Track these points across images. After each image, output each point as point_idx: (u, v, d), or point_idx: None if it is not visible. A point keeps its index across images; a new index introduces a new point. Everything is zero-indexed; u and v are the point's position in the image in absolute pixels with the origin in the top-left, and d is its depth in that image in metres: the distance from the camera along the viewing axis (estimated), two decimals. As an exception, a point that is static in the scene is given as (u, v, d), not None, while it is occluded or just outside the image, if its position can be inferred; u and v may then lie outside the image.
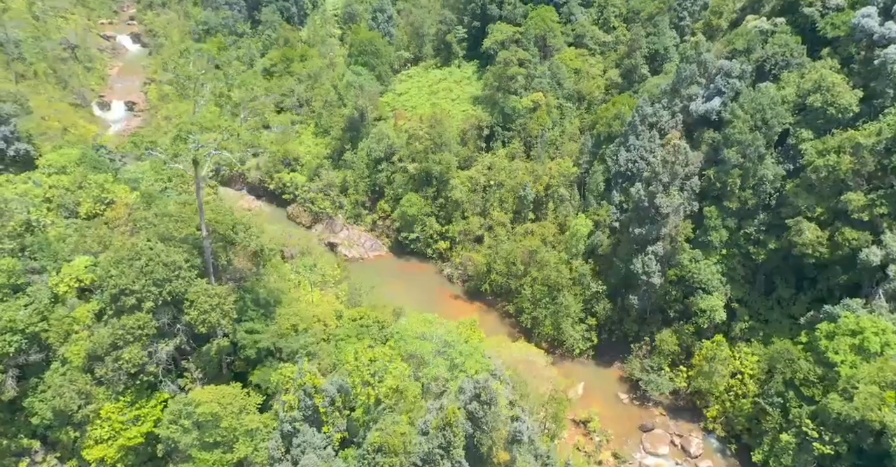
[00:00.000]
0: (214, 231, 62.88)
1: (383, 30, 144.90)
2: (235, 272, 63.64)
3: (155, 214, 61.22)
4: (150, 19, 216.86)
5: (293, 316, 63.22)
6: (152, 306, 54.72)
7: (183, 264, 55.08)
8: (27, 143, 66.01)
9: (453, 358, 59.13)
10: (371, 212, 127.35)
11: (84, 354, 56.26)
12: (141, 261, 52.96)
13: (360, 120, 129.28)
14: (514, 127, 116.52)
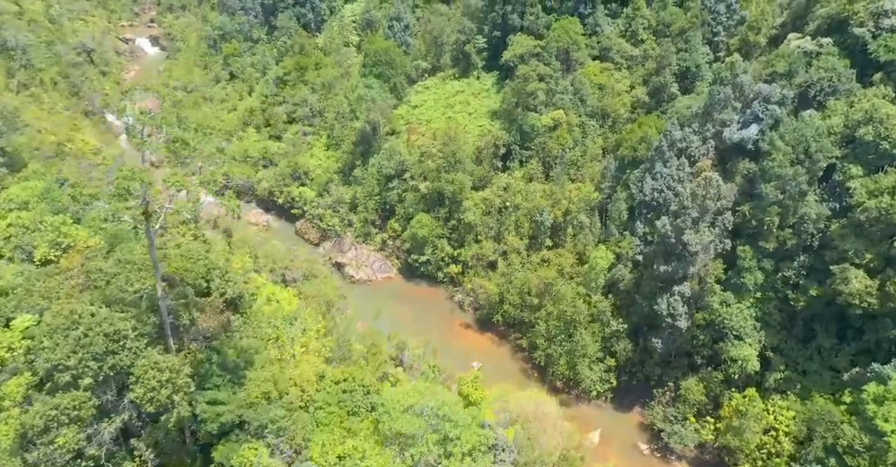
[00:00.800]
0: (183, 280, 55.70)
1: (399, 39, 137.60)
2: (200, 332, 55.59)
3: (116, 261, 53.65)
4: (170, 22, 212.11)
5: (265, 381, 55.53)
6: (91, 383, 46.54)
7: (130, 332, 46.91)
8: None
9: (447, 431, 51.69)
10: (381, 231, 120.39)
11: (14, 435, 48.32)
12: (79, 330, 45.19)
13: (371, 134, 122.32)
14: (533, 146, 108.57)
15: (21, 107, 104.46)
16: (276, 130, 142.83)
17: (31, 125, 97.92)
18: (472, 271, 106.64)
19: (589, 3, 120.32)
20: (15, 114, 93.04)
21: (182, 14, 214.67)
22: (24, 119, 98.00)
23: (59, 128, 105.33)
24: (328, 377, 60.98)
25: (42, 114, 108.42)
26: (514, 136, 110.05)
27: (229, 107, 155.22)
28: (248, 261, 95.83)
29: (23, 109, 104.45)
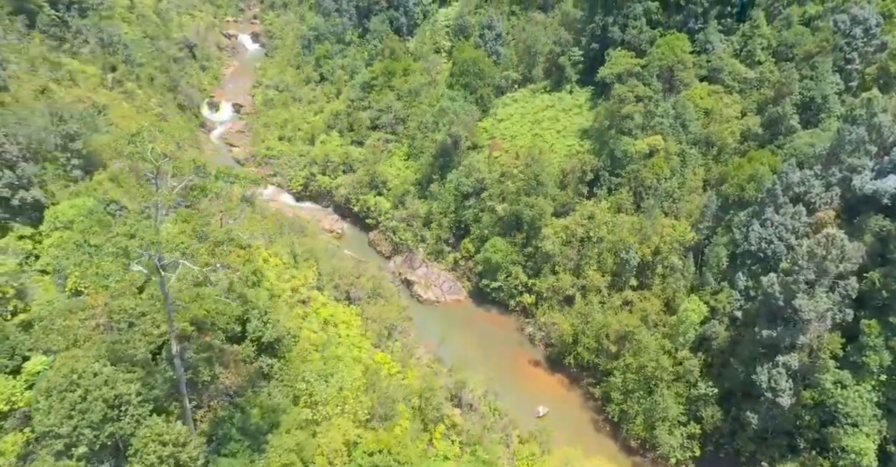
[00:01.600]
0: (214, 324, 49.30)
1: (490, 48, 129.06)
2: (223, 390, 48.72)
3: (149, 296, 48.22)
4: (271, 20, 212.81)
5: (289, 451, 48.36)
6: (86, 452, 41.18)
7: (133, 398, 41.08)
8: (38, 189, 56.22)
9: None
10: (454, 250, 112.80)
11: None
12: (76, 393, 39.84)
13: (452, 147, 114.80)
14: (625, 173, 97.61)
15: (112, 104, 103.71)
16: (358, 136, 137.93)
17: (116, 124, 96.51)
18: (547, 304, 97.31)
19: (700, 18, 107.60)
20: (98, 113, 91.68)
21: (283, 12, 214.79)
22: (111, 117, 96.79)
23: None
24: (362, 446, 53.42)
25: (131, 112, 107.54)
26: (604, 161, 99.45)
27: (316, 109, 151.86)
28: (312, 276, 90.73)
29: (113, 107, 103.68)
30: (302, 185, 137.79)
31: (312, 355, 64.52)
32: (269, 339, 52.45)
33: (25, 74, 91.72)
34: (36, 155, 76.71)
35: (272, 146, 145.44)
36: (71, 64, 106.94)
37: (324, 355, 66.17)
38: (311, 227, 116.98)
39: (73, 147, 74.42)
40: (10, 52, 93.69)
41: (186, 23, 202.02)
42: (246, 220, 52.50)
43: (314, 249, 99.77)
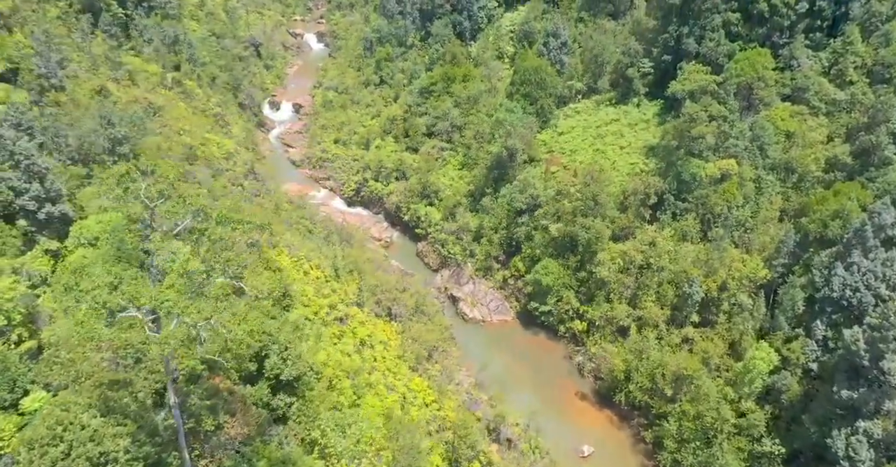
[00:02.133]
0: (237, 356, 44.57)
1: (554, 57, 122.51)
2: (226, 442, 43.75)
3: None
4: (336, 20, 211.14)
5: None
6: None
7: (121, 455, 34.96)
8: (65, 203, 53.91)
9: None
10: (503, 268, 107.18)
11: None
12: (59, 448, 35.97)
13: (508, 160, 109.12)
14: (692, 198, 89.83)
15: (168, 104, 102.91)
16: (413, 142, 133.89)
17: (170, 125, 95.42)
18: (599, 333, 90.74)
19: (786, 32, 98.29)
20: (154, 114, 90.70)
21: (349, 12, 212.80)
22: (166, 118, 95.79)
23: (200, 129, 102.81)
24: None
25: (187, 112, 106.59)
26: (670, 184, 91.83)
27: (373, 112, 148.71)
28: (353, 290, 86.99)
29: (170, 107, 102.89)
30: (354, 191, 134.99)
31: (342, 382, 60.45)
32: (288, 377, 48.39)
33: (86, 73, 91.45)
34: (86, 157, 75.70)
35: (327, 149, 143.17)
36: (132, 62, 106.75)
37: (355, 382, 62.07)
38: (358, 236, 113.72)
39: (120, 151, 72.82)
40: (72, 50, 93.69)
41: (254, 21, 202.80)
42: (250, 271, 48.00)
43: (358, 260, 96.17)
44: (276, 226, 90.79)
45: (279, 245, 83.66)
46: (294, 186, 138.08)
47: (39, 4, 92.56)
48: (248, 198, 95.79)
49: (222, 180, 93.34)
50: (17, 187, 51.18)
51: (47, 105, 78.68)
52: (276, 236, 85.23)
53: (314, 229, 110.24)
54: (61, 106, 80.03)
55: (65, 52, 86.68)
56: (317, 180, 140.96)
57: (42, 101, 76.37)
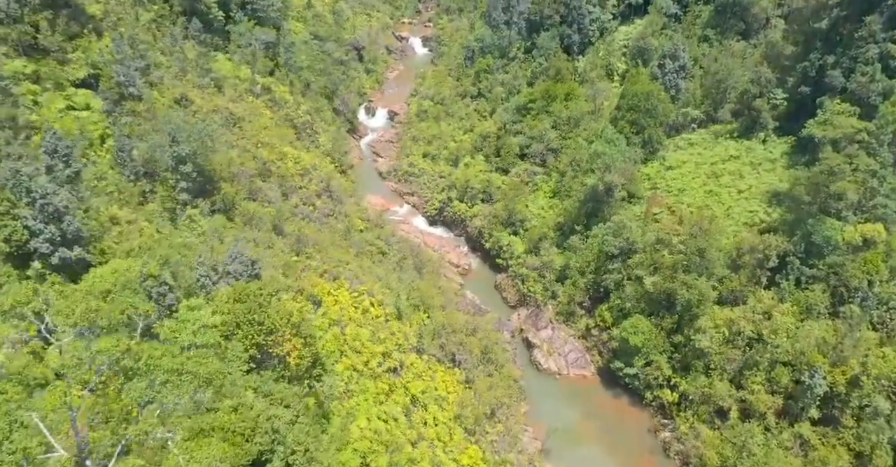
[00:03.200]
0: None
1: (669, 81, 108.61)
2: None
3: None
4: (443, 25, 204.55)
5: None
6: None
7: None
8: (82, 248, 48.67)
9: None
10: (588, 315, 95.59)
11: None
12: None
13: (604, 195, 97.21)
14: (822, 265, 74.63)
15: (252, 113, 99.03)
16: (504, 162, 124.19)
17: (250, 137, 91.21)
18: (692, 410, 77.72)
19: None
20: (231, 126, 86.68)
21: (456, 17, 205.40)
22: (246, 130, 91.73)
23: (282, 140, 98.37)
24: None
25: (271, 122, 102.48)
26: (796, 245, 76.87)
27: (467, 126, 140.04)
28: (414, 332, 78.90)
29: (254, 117, 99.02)
30: (437, 210, 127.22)
31: (378, 460, 52.29)
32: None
33: (172, 80, 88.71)
34: (153, 173, 72.09)
35: (415, 163, 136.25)
36: (223, 68, 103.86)
37: (392, 459, 53.74)
38: (434, 262, 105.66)
39: (183, 170, 68.36)
40: (161, 55, 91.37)
41: (361, 23, 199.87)
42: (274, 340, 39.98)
43: (427, 295, 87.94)
44: (344, 254, 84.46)
45: (341, 277, 76.92)
46: (377, 199, 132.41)
47: (134, 8, 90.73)
48: (319, 219, 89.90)
49: (294, 199, 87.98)
50: (33, 227, 46.85)
51: (123, 114, 75.83)
52: (337, 267, 78.69)
53: (388, 251, 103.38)
54: (137, 115, 77.04)
55: (150, 59, 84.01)
56: (401, 195, 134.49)
57: (116, 110, 73.47)
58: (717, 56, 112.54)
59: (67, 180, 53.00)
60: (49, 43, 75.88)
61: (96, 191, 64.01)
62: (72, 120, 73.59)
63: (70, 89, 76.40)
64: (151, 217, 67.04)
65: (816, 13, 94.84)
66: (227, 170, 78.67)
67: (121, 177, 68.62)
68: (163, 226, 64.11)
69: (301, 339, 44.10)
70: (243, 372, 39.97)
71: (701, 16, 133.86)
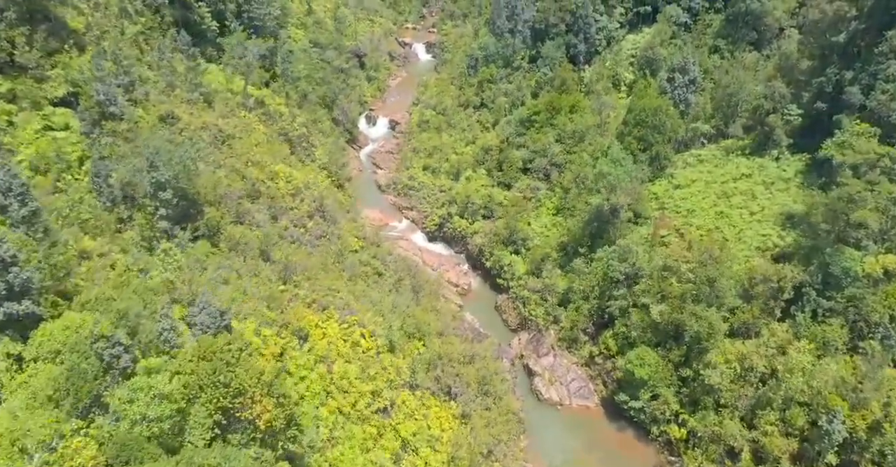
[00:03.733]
0: None
1: (679, 96, 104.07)
2: None
3: None
4: (447, 30, 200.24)
5: None
6: None
7: None
8: (31, 301, 44.61)
9: None
10: (591, 342, 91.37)
11: None
12: None
13: (609, 215, 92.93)
14: (840, 298, 70.10)
15: (244, 129, 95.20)
16: (507, 177, 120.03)
17: (240, 156, 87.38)
18: (701, 449, 73.34)
19: None
20: (220, 144, 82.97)
21: (461, 23, 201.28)
22: (236, 148, 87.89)
23: (274, 158, 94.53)
24: None
25: (263, 137, 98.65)
26: (813, 276, 72.35)
27: (469, 138, 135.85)
28: (408, 365, 74.87)
29: (245, 132, 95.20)
30: (437, 225, 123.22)
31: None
32: None
33: (160, 95, 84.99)
34: (132, 198, 68.44)
35: (415, 176, 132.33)
36: (215, 81, 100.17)
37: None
38: (432, 284, 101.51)
39: (163, 197, 64.63)
40: (148, 70, 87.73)
41: (363, 29, 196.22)
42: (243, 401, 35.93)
43: (423, 321, 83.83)
44: (335, 281, 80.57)
45: (330, 307, 72.99)
46: (375, 214, 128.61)
47: (120, 20, 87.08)
48: (311, 241, 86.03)
49: (284, 221, 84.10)
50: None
51: (103, 135, 72.20)
52: (327, 295, 74.76)
53: (385, 272, 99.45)
54: (118, 135, 73.40)
55: (135, 74, 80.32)
56: (400, 209, 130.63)
57: (94, 132, 69.80)
58: (728, 68, 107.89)
59: (23, 221, 49.34)
60: (26, 60, 72.40)
61: (68, 220, 60.44)
62: (49, 141, 70.15)
63: (48, 108, 72.95)
64: (128, 246, 63.33)
65: (834, 26, 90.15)
66: (212, 192, 74.95)
67: (97, 203, 64.97)
68: (138, 258, 60.28)
69: (273, 399, 40.19)
70: (206, 442, 36.16)
71: (712, 25, 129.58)
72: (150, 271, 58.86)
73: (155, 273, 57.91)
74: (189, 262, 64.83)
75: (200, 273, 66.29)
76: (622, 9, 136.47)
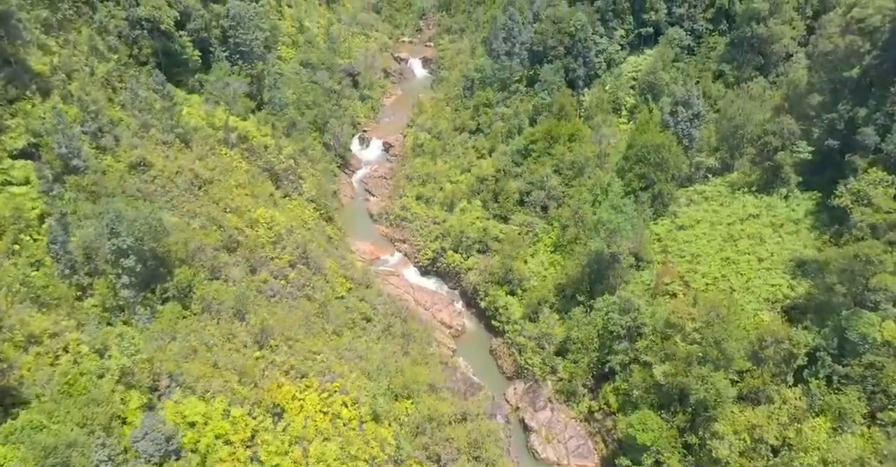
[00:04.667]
0: None
1: (682, 131, 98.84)
2: None
3: None
4: (445, 45, 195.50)
5: None
6: None
7: None
8: None
9: None
10: (591, 396, 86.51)
11: None
12: None
13: (609, 261, 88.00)
14: (857, 365, 65.08)
15: (224, 170, 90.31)
16: (503, 210, 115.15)
17: (218, 201, 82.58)
18: (706, 524, 68.52)
19: None
20: (196, 190, 78.22)
21: (458, 38, 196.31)
22: (214, 192, 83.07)
23: (255, 200, 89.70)
24: None
25: (246, 176, 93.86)
26: (827, 339, 67.35)
27: (464, 165, 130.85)
28: (392, 435, 69.89)
29: (226, 173, 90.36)
30: (430, 260, 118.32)
31: None
32: None
33: (131, 139, 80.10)
34: (94, 266, 63.66)
35: (407, 206, 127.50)
36: (195, 116, 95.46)
37: None
38: (422, 331, 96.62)
39: (125, 264, 59.89)
40: (121, 110, 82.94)
41: (358, 45, 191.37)
42: None
43: (411, 380, 78.83)
44: (316, 339, 75.69)
45: (310, 373, 68.15)
46: (367, 246, 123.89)
47: (90, 58, 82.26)
48: (292, 293, 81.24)
49: (263, 274, 79.25)
50: None
51: (66, 190, 67.50)
52: (306, 360, 69.96)
53: (374, 317, 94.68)
54: (83, 190, 68.72)
55: (103, 120, 75.57)
56: (392, 241, 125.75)
57: (53, 190, 65.03)
58: (733, 100, 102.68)
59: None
60: (-17, 109, 67.81)
61: (19, 295, 55.70)
62: (6, 198, 65.53)
63: (7, 161, 68.24)
64: (87, 320, 58.60)
65: (846, 60, 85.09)
66: (184, 249, 70.09)
67: (54, 270, 60.28)
68: (95, 337, 55.35)
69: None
70: None
71: (716, 48, 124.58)
72: (108, 351, 54.05)
73: (112, 356, 53.12)
74: (154, 334, 60.12)
75: (169, 340, 61.71)
76: (623, 31, 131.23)
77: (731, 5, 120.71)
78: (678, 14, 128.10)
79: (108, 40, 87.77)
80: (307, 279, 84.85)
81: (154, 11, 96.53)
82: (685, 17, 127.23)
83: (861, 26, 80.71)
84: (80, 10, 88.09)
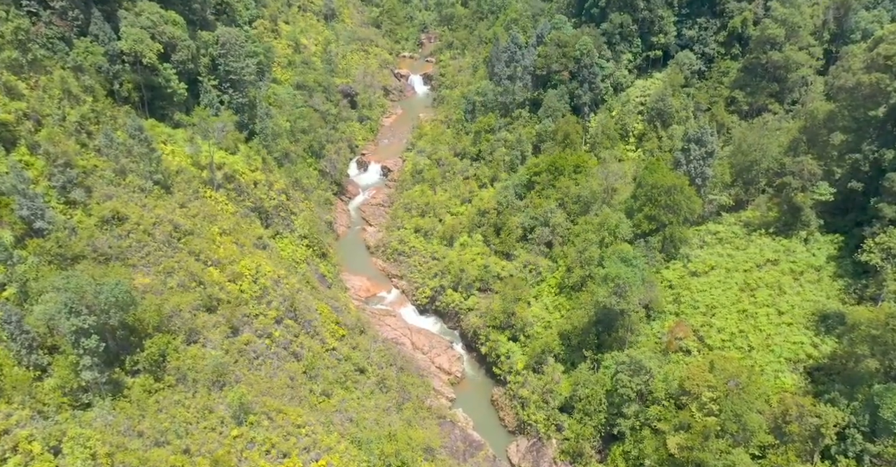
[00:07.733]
0: None
1: (695, 170, 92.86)
2: None
3: None
4: (446, 62, 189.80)
5: None
6: None
7: None
8: None
9: None
10: (599, 457, 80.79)
11: None
12: None
13: (617, 314, 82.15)
14: (891, 446, 59.22)
15: (207, 216, 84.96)
16: (505, 246, 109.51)
17: (199, 253, 77.18)
18: None
19: None
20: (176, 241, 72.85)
21: (459, 55, 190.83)
22: (195, 243, 77.66)
23: (240, 249, 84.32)
24: None
25: (233, 219, 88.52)
26: (859, 414, 61.42)
27: (465, 195, 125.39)
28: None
29: (209, 218, 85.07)
30: (428, 298, 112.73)
31: None
32: None
33: (105, 188, 74.88)
34: (53, 344, 58.46)
35: (405, 239, 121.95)
36: (178, 155, 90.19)
37: None
38: (419, 384, 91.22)
39: (86, 345, 54.67)
40: (97, 156, 77.67)
41: (357, 61, 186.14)
42: None
43: (404, 447, 73.24)
44: (300, 411, 69.98)
45: (292, 453, 62.71)
46: (363, 282, 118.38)
47: (62, 103, 77.07)
48: (277, 353, 75.83)
49: (246, 334, 73.84)
50: None
51: (28, 255, 62.27)
52: (289, 437, 64.46)
53: (368, 368, 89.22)
54: (45, 254, 63.47)
55: (73, 173, 70.33)
56: (389, 277, 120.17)
57: (12, 260, 59.72)
58: (746, 134, 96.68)
59: None
60: (-60, 168, 62.70)
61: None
62: (-36, 266, 60.20)
63: (-34, 224, 63.02)
64: (46, 405, 53.41)
65: (871, 98, 79.08)
66: (156, 317, 64.74)
67: (9, 352, 55.10)
68: (51, 433, 50.18)
69: None
70: None
71: (728, 73, 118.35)
72: (63, 448, 48.81)
73: (69, 454, 47.90)
74: (120, 420, 54.84)
75: (138, 421, 56.44)
76: (630, 54, 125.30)
77: (745, 29, 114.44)
78: (688, 37, 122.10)
79: (83, 80, 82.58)
80: (294, 335, 79.38)
81: (136, 45, 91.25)
82: (696, 40, 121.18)
83: (889, 64, 74.63)
84: (54, 46, 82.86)
